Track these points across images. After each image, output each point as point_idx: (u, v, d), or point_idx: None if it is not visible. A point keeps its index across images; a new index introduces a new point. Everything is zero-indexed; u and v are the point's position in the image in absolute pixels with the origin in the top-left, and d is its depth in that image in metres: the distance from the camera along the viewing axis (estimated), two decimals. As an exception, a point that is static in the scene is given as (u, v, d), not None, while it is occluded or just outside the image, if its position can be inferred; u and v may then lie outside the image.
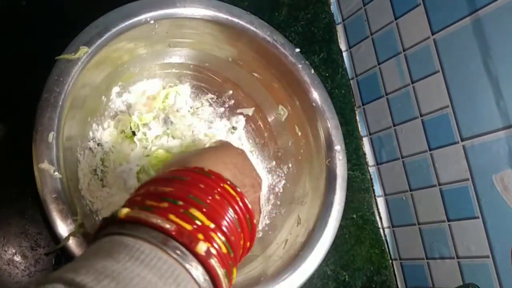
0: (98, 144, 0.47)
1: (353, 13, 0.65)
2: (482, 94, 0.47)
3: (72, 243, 0.34)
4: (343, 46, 0.68)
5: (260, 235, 0.52)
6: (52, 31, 0.46)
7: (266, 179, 0.56)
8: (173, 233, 0.23)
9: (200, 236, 0.24)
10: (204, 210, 0.25)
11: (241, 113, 0.56)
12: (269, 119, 0.56)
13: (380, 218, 0.63)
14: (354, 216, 0.62)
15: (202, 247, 0.23)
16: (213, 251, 0.24)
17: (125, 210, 0.25)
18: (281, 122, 0.55)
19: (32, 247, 0.43)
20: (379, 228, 0.63)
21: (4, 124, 0.45)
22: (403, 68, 0.57)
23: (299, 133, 0.53)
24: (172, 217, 0.24)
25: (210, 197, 0.26)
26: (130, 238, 0.23)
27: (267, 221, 0.53)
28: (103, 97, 0.48)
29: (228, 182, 0.29)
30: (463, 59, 0.49)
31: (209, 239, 0.24)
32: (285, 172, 0.55)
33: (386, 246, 0.62)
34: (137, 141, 0.48)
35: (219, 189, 0.27)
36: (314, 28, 0.66)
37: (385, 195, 0.63)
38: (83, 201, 0.43)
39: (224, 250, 0.25)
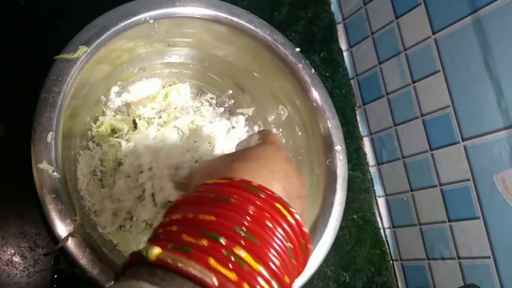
0: (97, 144, 0.47)
1: (353, 12, 0.65)
2: (483, 94, 0.47)
3: (71, 244, 0.34)
4: (343, 45, 0.68)
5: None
6: (52, 31, 0.46)
7: None
8: (213, 286, 0.19)
9: (245, 286, 0.20)
10: (253, 248, 0.21)
11: (241, 113, 0.56)
12: (269, 119, 0.56)
13: (381, 218, 0.63)
14: (355, 216, 0.61)
15: None
16: None
17: (157, 251, 0.20)
18: (281, 122, 0.55)
19: (31, 248, 0.43)
20: (379, 228, 0.63)
21: (3, 124, 0.45)
22: (403, 68, 0.57)
23: (300, 133, 0.53)
24: (212, 262, 0.20)
25: (261, 228, 0.22)
26: None
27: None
28: (102, 96, 0.48)
29: (282, 201, 0.24)
30: (464, 58, 0.49)
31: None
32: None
33: (387, 246, 0.62)
34: (137, 139, 0.48)
35: (271, 213, 0.23)
36: (314, 27, 0.66)
37: (386, 195, 0.63)
38: (82, 202, 0.43)
39: None
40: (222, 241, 0.21)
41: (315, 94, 0.50)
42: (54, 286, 0.42)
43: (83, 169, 0.44)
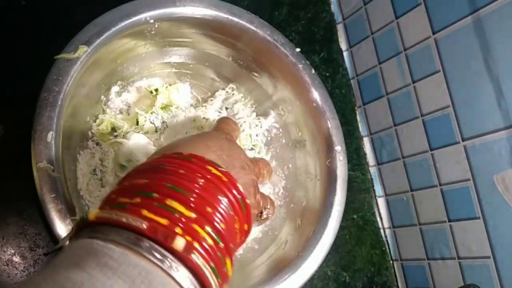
0: (97, 144, 0.47)
1: (353, 12, 0.65)
2: (483, 94, 0.47)
3: None
4: (343, 45, 0.68)
5: (260, 236, 0.52)
6: (52, 31, 0.46)
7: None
8: (146, 231, 0.21)
9: (178, 230, 0.22)
10: (185, 199, 0.23)
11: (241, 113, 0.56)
12: (270, 119, 0.56)
13: (381, 218, 0.63)
14: (355, 216, 0.61)
15: (179, 243, 0.21)
16: (198, 246, 0.22)
17: (95, 211, 0.23)
18: (282, 122, 0.55)
19: (31, 248, 0.43)
20: (379, 228, 0.63)
21: (3, 124, 0.45)
22: (403, 68, 0.57)
23: (300, 134, 0.53)
24: (145, 212, 0.22)
25: (191, 183, 0.24)
26: (99, 241, 0.21)
27: (267, 222, 0.53)
28: (103, 96, 0.48)
29: (212, 163, 0.26)
30: (464, 58, 0.49)
31: (189, 232, 0.22)
32: (285, 173, 0.55)
33: (387, 246, 0.62)
34: (138, 139, 0.48)
35: (202, 173, 0.25)
36: (314, 27, 0.66)
37: (386, 195, 0.63)
38: (82, 201, 0.43)
39: (210, 241, 0.22)
40: (154, 195, 0.23)
41: (315, 95, 0.50)
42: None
43: (83, 169, 0.44)
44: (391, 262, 0.62)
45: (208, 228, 0.23)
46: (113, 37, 0.40)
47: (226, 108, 0.56)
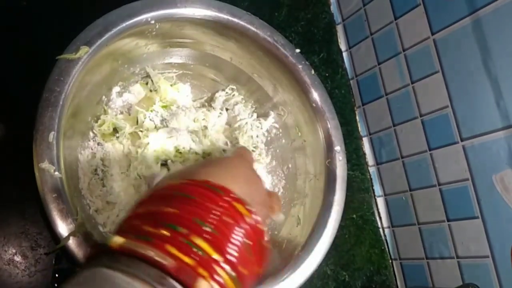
0: (98, 144, 0.47)
1: (353, 13, 0.66)
2: (482, 94, 0.47)
3: (72, 243, 0.34)
4: (343, 46, 0.68)
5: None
6: (53, 32, 0.46)
7: (267, 180, 0.56)
8: (172, 270, 0.20)
9: (203, 272, 0.21)
10: (209, 236, 0.22)
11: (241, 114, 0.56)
12: (269, 120, 0.56)
13: (380, 218, 0.63)
14: (354, 216, 0.62)
15: (203, 286, 0.21)
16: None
17: (120, 240, 0.22)
18: (281, 122, 0.55)
19: (32, 247, 0.43)
20: (379, 228, 0.63)
21: (4, 124, 0.45)
22: (403, 68, 0.57)
23: (299, 134, 0.53)
24: (170, 248, 0.21)
25: (217, 218, 0.23)
26: (120, 274, 0.20)
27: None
28: (104, 96, 0.48)
29: (240, 201, 0.25)
30: (463, 59, 0.49)
31: (212, 274, 0.21)
32: (285, 173, 0.55)
33: (386, 246, 0.62)
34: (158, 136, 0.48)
35: (227, 208, 0.24)
36: (314, 28, 0.66)
37: (385, 195, 0.63)
38: (83, 201, 0.43)
39: (230, 284, 0.22)
40: (181, 230, 0.22)
41: (315, 95, 0.50)
42: (55, 285, 0.42)
43: (84, 168, 0.44)
44: (390, 261, 0.62)
45: (230, 272, 0.22)
46: (114, 37, 0.40)
47: (227, 109, 0.56)
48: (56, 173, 0.35)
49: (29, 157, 0.36)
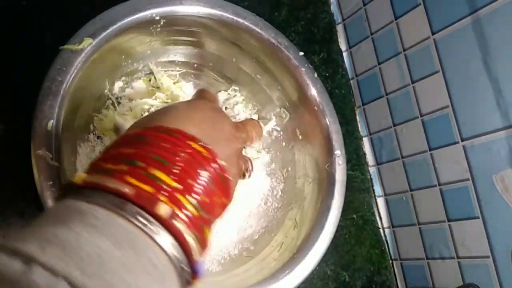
0: (98, 137, 0.47)
1: (353, 13, 0.65)
2: (482, 94, 0.47)
3: None
4: (343, 46, 0.68)
5: (256, 237, 0.52)
6: (53, 32, 0.46)
7: (266, 182, 0.56)
8: (131, 196, 0.22)
9: (163, 198, 0.22)
10: (169, 170, 0.24)
11: (242, 115, 0.56)
12: (271, 123, 0.56)
13: (380, 218, 0.63)
14: (354, 216, 0.62)
15: (165, 210, 0.22)
16: (180, 214, 0.23)
17: (83, 175, 0.23)
18: (283, 124, 0.55)
19: (32, 247, 0.43)
20: (379, 228, 0.63)
21: (3, 125, 0.45)
22: (403, 68, 0.57)
23: (300, 137, 0.53)
24: (130, 179, 0.22)
25: (176, 157, 0.24)
26: (85, 203, 0.21)
27: (264, 224, 0.53)
28: (106, 90, 0.48)
29: (194, 138, 0.26)
30: (463, 59, 0.49)
31: (172, 200, 0.23)
32: (284, 176, 0.55)
33: (386, 246, 0.62)
34: None
35: (184, 147, 0.25)
36: (314, 28, 0.66)
37: (385, 195, 0.63)
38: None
39: (192, 210, 0.23)
40: (139, 164, 0.23)
41: (317, 98, 0.50)
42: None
43: (83, 161, 0.44)
44: (390, 261, 0.62)
45: (190, 198, 0.24)
46: (119, 31, 0.40)
47: (226, 108, 0.56)
48: (53, 161, 0.35)
49: (28, 157, 0.36)
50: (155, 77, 0.52)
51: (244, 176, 0.39)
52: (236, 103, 0.56)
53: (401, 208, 0.60)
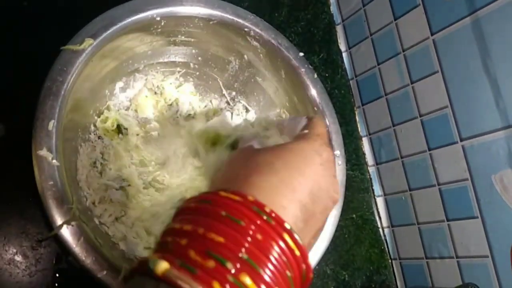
0: (98, 137, 0.47)
1: (352, 13, 0.66)
2: (481, 94, 0.47)
3: (66, 231, 0.34)
4: (342, 46, 0.68)
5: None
6: (53, 32, 0.46)
7: None
8: None
9: None
10: (259, 279, 0.21)
11: (242, 116, 0.56)
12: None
13: (380, 217, 0.63)
14: (354, 216, 0.62)
15: None
16: None
17: (164, 267, 0.21)
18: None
19: (32, 247, 0.43)
20: (378, 227, 0.63)
21: (4, 125, 0.45)
22: (402, 69, 0.57)
23: (300, 137, 0.53)
24: (216, 286, 0.20)
25: (267, 258, 0.22)
26: None
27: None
28: (107, 91, 0.48)
29: (290, 233, 0.23)
30: (462, 59, 0.49)
31: None
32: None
33: (385, 245, 0.63)
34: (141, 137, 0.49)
35: (278, 241, 0.23)
36: (314, 28, 0.66)
37: (385, 195, 0.63)
38: (80, 192, 0.43)
39: None
40: (228, 266, 0.21)
41: (317, 99, 0.50)
42: (56, 285, 0.42)
43: (83, 161, 0.44)
44: (389, 261, 0.62)
45: None
46: (119, 32, 0.40)
47: (228, 109, 0.56)
48: (54, 161, 0.35)
49: (28, 157, 0.36)
50: (156, 79, 0.52)
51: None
52: (236, 103, 0.56)
53: (401, 207, 0.60)
